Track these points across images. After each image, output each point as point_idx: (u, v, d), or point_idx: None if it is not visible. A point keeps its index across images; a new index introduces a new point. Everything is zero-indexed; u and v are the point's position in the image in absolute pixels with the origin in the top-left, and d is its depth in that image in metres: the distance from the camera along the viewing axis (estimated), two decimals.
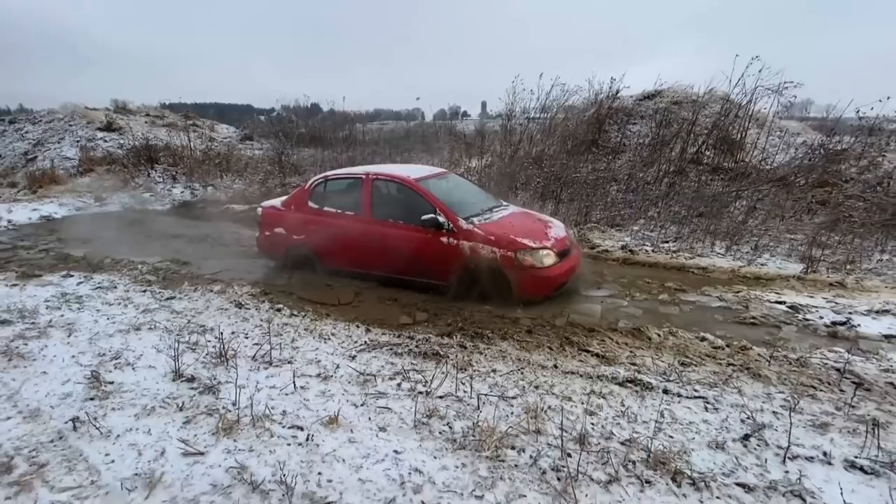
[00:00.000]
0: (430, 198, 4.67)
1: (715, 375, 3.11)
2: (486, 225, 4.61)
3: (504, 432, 2.37)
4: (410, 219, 4.68)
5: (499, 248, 4.35)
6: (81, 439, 2.28)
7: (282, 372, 3.03)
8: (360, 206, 5.01)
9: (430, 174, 5.29)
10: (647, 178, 9.35)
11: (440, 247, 4.52)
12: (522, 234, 4.54)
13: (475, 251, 4.40)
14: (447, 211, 4.57)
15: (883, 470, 2.20)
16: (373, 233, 4.87)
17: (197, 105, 32.78)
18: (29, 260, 6.32)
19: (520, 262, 4.29)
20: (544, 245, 4.45)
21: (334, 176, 5.52)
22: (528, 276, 4.30)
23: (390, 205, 4.97)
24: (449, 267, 4.53)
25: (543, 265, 4.33)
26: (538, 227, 4.87)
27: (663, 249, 6.61)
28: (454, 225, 4.51)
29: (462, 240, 4.46)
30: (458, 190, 5.29)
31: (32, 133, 17.16)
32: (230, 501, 1.89)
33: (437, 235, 4.53)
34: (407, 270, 4.78)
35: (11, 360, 3.12)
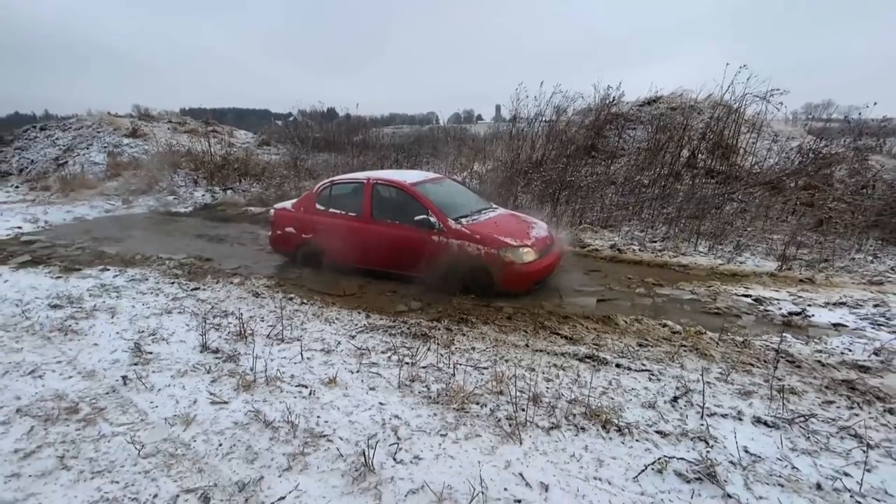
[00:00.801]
0: (424, 200, 5.13)
1: (665, 354, 3.56)
2: (473, 225, 5.06)
3: (471, 392, 2.87)
4: (406, 219, 5.15)
5: (483, 246, 4.78)
6: (131, 391, 2.85)
7: (291, 347, 3.57)
8: (362, 207, 5.49)
9: (425, 179, 5.76)
10: (644, 181, 9.76)
11: (432, 244, 4.97)
12: (505, 233, 4.97)
13: (462, 248, 4.86)
14: (438, 212, 5.03)
15: (783, 424, 2.64)
16: (372, 232, 5.36)
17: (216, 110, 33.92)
18: (68, 256, 6.97)
19: (502, 258, 4.72)
20: (525, 243, 4.87)
21: (339, 181, 6.01)
22: (508, 270, 4.72)
23: (388, 207, 5.44)
24: (440, 262, 4.96)
25: (523, 261, 4.75)
26: (521, 227, 5.30)
27: (650, 248, 7.03)
28: (444, 225, 4.96)
29: (451, 238, 4.91)
30: (450, 194, 5.74)
31: (63, 139, 18.15)
32: (248, 434, 2.43)
33: (429, 234, 4.99)
34: (402, 266, 5.26)
35: (67, 335, 3.72)
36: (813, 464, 2.33)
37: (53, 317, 4.12)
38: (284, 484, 2.05)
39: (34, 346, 3.53)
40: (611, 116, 11.42)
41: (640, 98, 11.60)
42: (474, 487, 2.03)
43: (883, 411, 2.81)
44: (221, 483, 2.06)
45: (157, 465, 2.18)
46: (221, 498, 1.97)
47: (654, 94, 11.32)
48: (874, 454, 2.40)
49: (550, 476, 2.19)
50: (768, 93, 8.57)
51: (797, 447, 2.46)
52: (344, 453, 2.27)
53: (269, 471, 2.15)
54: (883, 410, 2.82)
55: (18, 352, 3.41)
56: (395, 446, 2.34)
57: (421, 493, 2.02)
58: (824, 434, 2.56)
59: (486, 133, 17.45)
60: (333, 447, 2.32)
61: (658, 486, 2.15)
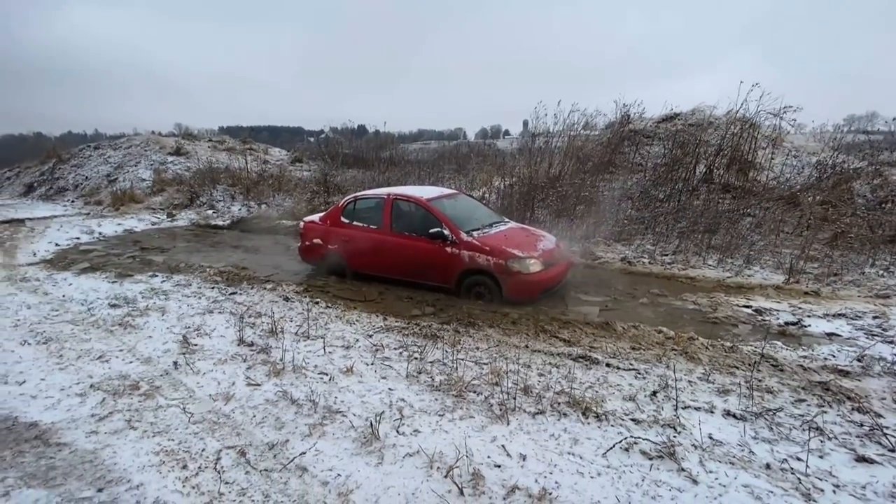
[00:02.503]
0: (438, 214, 5.55)
1: (654, 357, 3.86)
2: (484, 237, 5.42)
3: (469, 381, 3.26)
4: (422, 232, 5.56)
5: (492, 257, 5.13)
6: (180, 374, 3.37)
7: (316, 343, 4.04)
8: (382, 221, 5.92)
9: (441, 195, 6.18)
10: (659, 195, 9.97)
11: (445, 255, 5.37)
12: (513, 245, 5.30)
13: (473, 259, 5.23)
14: (451, 225, 5.42)
15: (751, 417, 2.92)
16: (391, 243, 5.80)
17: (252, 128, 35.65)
18: (121, 264, 7.72)
19: (509, 268, 5.04)
20: (531, 255, 5.19)
21: (362, 196, 6.51)
22: (515, 280, 5.05)
23: (406, 220, 5.85)
24: (451, 271, 5.40)
25: (530, 272, 5.07)
26: (529, 240, 5.64)
27: (660, 261, 7.26)
28: (456, 237, 5.34)
29: (463, 249, 5.29)
30: (464, 208, 6.15)
31: (114, 158, 19.59)
32: (277, 408, 2.89)
33: (443, 246, 5.38)
34: (418, 274, 5.70)
35: (126, 329, 4.31)
36: (770, 449, 2.61)
37: (113, 314, 4.73)
38: (305, 445, 2.49)
39: (100, 337, 4.13)
40: (629, 133, 11.70)
41: (657, 115, 11.81)
42: (460, 452, 2.42)
43: (850, 410, 3.05)
44: (255, 443, 2.51)
45: (204, 428, 2.66)
46: (255, 453, 2.42)
47: (671, 111, 11.53)
48: (830, 444, 2.66)
49: (529, 450, 2.55)
50: (781, 109, 8.69)
51: (759, 436, 2.74)
52: (355, 425, 2.70)
53: (293, 436, 2.59)
54: (851, 409, 3.05)
55: (87, 341, 4.01)
56: (399, 422, 2.75)
57: (416, 457, 2.42)
58: (787, 426, 2.83)
59: (512, 148, 17.90)
60: (347, 420, 2.75)
61: (623, 461, 2.48)
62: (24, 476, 2.20)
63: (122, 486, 2.15)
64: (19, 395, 3.01)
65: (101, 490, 2.12)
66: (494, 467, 2.38)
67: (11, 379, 3.24)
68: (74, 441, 2.50)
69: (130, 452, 2.41)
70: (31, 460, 2.33)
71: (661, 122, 12.30)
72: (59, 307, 4.98)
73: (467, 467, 2.36)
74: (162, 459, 2.36)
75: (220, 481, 2.21)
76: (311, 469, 2.32)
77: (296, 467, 2.33)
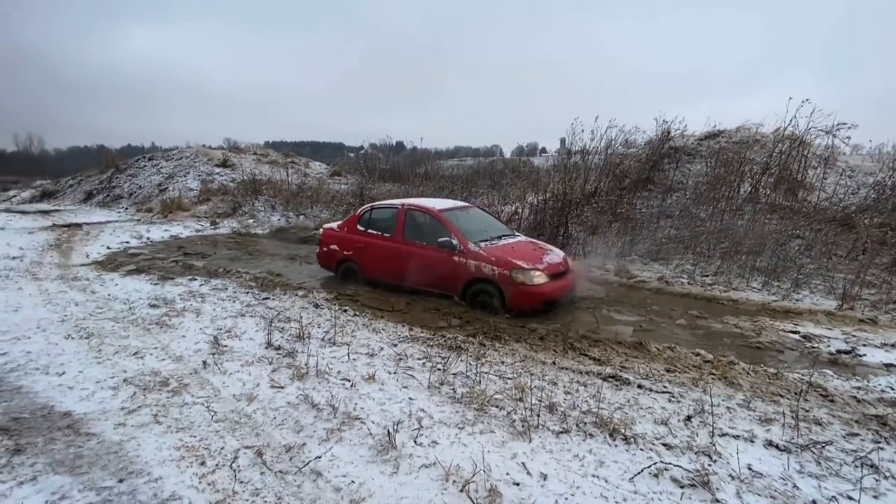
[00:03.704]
0: (448, 225, 5.70)
1: (690, 380, 3.65)
2: (491, 248, 5.54)
3: (492, 396, 3.17)
4: (432, 241, 5.70)
5: (497, 267, 5.24)
6: (208, 373, 3.44)
7: (341, 349, 4.05)
8: (395, 229, 6.13)
9: (453, 207, 6.37)
10: (701, 214, 9.60)
11: (452, 264, 5.52)
12: (519, 257, 5.39)
13: (479, 268, 5.36)
14: (460, 236, 5.56)
15: (796, 449, 2.70)
16: (403, 251, 5.98)
17: (296, 143, 37.10)
18: (165, 267, 8.05)
19: (513, 278, 5.13)
20: (536, 266, 5.28)
21: (378, 205, 6.74)
22: (519, 290, 5.13)
23: (418, 229, 6.03)
24: (458, 280, 5.52)
25: (533, 283, 5.15)
26: (535, 253, 5.70)
27: (699, 282, 6.95)
28: (464, 247, 5.48)
29: (470, 259, 5.42)
30: (475, 221, 6.30)
31: (166, 168, 20.69)
32: (297, 411, 2.89)
33: (451, 255, 5.53)
34: (426, 282, 5.81)
35: (162, 328, 4.46)
36: (817, 486, 2.39)
37: (152, 314, 4.92)
38: (321, 449, 2.47)
39: (137, 335, 4.29)
40: (669, 150, 11.39)
41: (699, 132, 11.46)
42: (478, 467, 2.33)
43: None
44: (272, 444, 2.52)
45: (225, 427, 2.69)
46: (272, 455, 2.42)
47: (714, 127, 11.16)
48: (886, 483, 2.42)
49: (551, 469, 2.44)
50: (834, 127, 8.24)
51: (805, 470, 2.52)
52: (373, 433, 2.66)
53: (310, 439, 2.58)
54: None
55: (126, 338, 4.17)
56: (417, 432, 2.69)
57: (432, 468, 2.35)
58: (837, 462, 2.59)
59: (547, 165, 17.78)
60: (365, 427, 2.72)
61: (652, 487, 2.33)
62: (53, 462, 2.28)
63: (141, 479, 2.19)
64: (58, 385, 3.15)
65: (121, 481, 2.17)
66: (513, 485, 2.28)
67: (52, 370, 3.40)
68: (103, 432, 2.57)
69: (153, 446, 2.46)
70: (60, 448, 2.41)
71: (704, 140, 11.93)
72: (103, 305, 5.22)
73: (484, 483, 2.27)
74: (182, 455, 2.39)
75: (236, 480, 2.22)
76: (325, 474, 2.30)
77: (310, 471, 2.31)
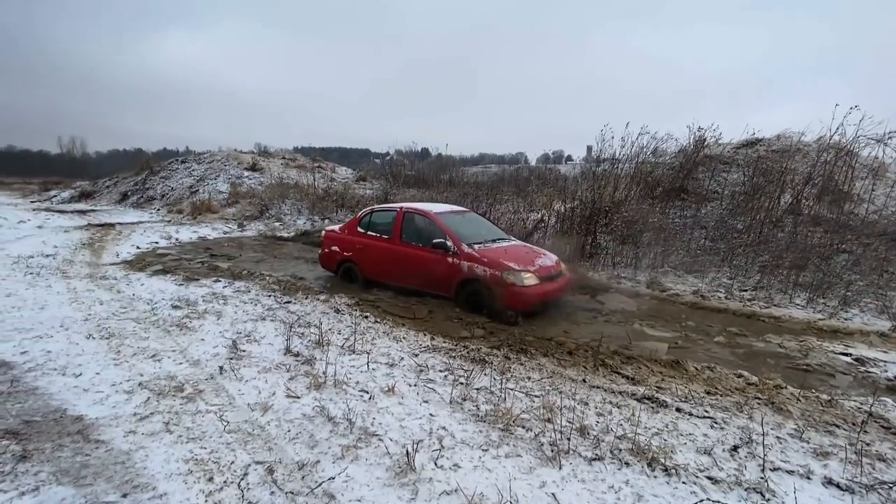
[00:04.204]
0: (443, 227, 5.83)
1: (734, 404, 3.36)
2: (484, 250, 5.65)
3: (518, 415, 2.96)
4: (428, 243, 5.84)
5: (489, 268, 5.35)
6: (224, 380, 3.34)
7: (360, 358, 3.91)
8: (393, 231, 6.30)
9: (450, 210, 6.55)
10: (737, 225, 9.16)
11: (446, 265, 5.65)
12: (511, 259, 5.50)
13: (472, 269, 5.48)
14: (454, 237, 5.69)
15: (860, 489, 2.41)
16: (399, 252, 6.16)
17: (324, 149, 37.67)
18: (190, 268, 8.12)
19: (504, 279, 5.20)
20: (527, 268, 5.38)
21: (378, 208, 6.96)
22: (509, 291, 5.17)
23: (414, 231, 6.17)
24: (451, 280, 5.64)
25: (524, 284, 5.20)
26: (528, 256, 5.80)
27: (738, 297, 6.58)
28: (458, 248, 5.61)
29: (463, 260, 5.55)
30: (470, 224, 6.45)
31: (197, 171, 21.19)
32: (313, 424, 2.75)
33: (445, 256, 5.67)
34: (421, 282, 5.95)
35: (182, 331, 4.41)
36: None
37: (174, 315, 4.89)
38: (336, 468, 2.31)
39: (157, 336, 4.24)
40: (704, 158, 10.96)
41: (736, 139, 10.99)
42: (504, 497, 2.14)
43: None
44: (285, 461, 2.37)
45: (237, 439, 2.57)
46: (283, 472, 2.28)
47: (752, 135, 10.69)
48: None
49: (584, 502, 2.22)
50: (885, 135, 7.74)
51: None
52: (391, 452, 2.49)
53: (325, 457, 2.43)
54: None
55: (145, 339, 4.13)
56: (438, 453, 2.51)
57: (454, 496, 2.17)
58: None
59: (574, 173, 17.43)
60: (382, 445, 2.55)
61: None
62: (58, 472, 2.19)
63: (146, 494, 2.07)
64: (73, 387, 3.10)
65: (125, 496, 2.06)
66: None
67: (70, 371, 3.35)
68: (112, 439, 2.48)
69: (162, 458, 2.35)
70: (67, 455, 2.33)
71: (741, 148, 11.45)
72: (127, 305, 5.23)
73: None
74: (190, 468, 2.27)
75: (244, 500, 2.08)
76: (338, 497, 2.14)
77: (323, 493, 2.16)
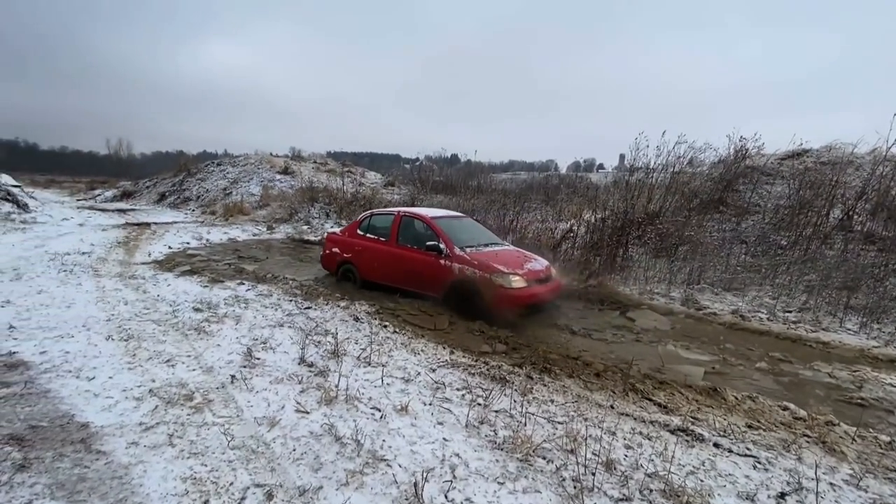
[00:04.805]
0: (438, 231, 6.05)
1: (780, 442, 3.05)
2: (475, 254, 5.82)
3: (539, 444, 2.75)
4: (422, 246, 6.06)
5: (479, 270, 5.50)
6: (235, 390, 3.25)
7: (375, 371, 3.77)
8: (390, 234, 6.55)
9: (446, 215, 6.80)
10: (781, 241, 8.64)
11: (438, 267, 5.84)
12: (500, 262, 5.60)
13: (462, 271, 5.64)
14: (447, 241, 5.89)
15: None
16: (395, 254, 6.40)
17: (355, 154, 38.24)
18: (217, 269, 8.20)
19: (492, 281, 5.34)
20: (515, 272, 5.47)
21: (378, 212, 7.27)
22: (497, 293, 5.28)
23: (410, 235, 6.40)
24: (443, 281, 5.79)
25: (512, 286, 5.31)
26: (517, 260, 5.90)
27: (781, 319, 6.14)
28: (450, 251, 5.80)
29: (454, 262, 5.73)
30: (465, 229, 6.63)
31: (231, 173, 21.71)
32: (319, 444, 2.61)
33: (438, 258, 5.87)
34: (414, 283, 6.14)
35: (200, 335, 4.38)
36: None
37: (194, 318, 4.88)
38: (339, 497, 2.16)
39: (175, 340, 4.22)
40: (745, 169, 10.43)
41: (780, 151, 10.42)
42: None
43: None
44: (286, 485, 2.24)
45: (240, 457, 2.45)
46: (283, 498, 2.14)
47: (799, 146, 10.11)
48: None
49: None
50: None
51: None
52: (399, 480, 2.32)
53: (328, 482, 2.28)
54: None
55: (163, 343, 4.10)
56: (450, 484, 2.33)
57: None
58: None
59: (606, 182, 17.00)
60: (390, 472, 2.38)
61: None
62: (54, 484, 2.12)
63: None
64: (84, 391, 3.06)
65: None
66: None
67: (84, 374, 3.33)
68: (113, 451, 2.41)
69: (160, 474, 2.25)
70: (66, 467, 2.25)
71: (786, 159, 10.86)
72: (150, 306, 5.27)
73: None
74: (187, 488, 2.16)
75: None
76: None
77: None
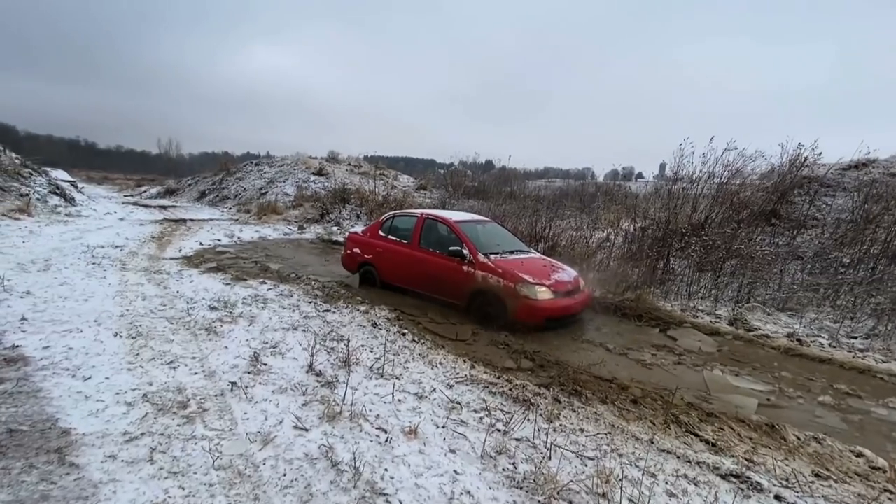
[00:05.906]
0: (462, 235, 5.82)
1: (857, 497, 2.55)
2: (500, 261, 5.56)
3: (565, 485, 2.36)
4: (444, 250, 5.83)
5: (503, 279, 5.26)
6: (233, 398, 3.01)
7: (388, 384, 3.46)
8: (412, 236, 6.34)
9: (471, 220, 6.57)
10: (844, 259, 7.86)
11: (461, 273, 5.61)
12: (527, 271, 5.34)
13: (486, 279, 5.41)
14: (471, 246, 5.66)
15: None
16: (417, 257, 6.18)
17: (390, 158, 38.49)
18: (243, 267, 8.14)
19: (517, 291, 5.11)
20: (542, 282, 5.21)
21: (400, 213, 7.05)
22: (522, 304, 5.07)
23: (433, 238, 6.19)
24: (465, 289, 5.58)
25: (537, 298, 5.08)
26: (544, 270, 5.58)
27: (846, 346, 5.48)
28: (474, 257, 5.57)
29: (478, 269, 5.49)
30: (490, 234, 6.38)
31: (268, 174, 22.08)
32: (313, 470, 2.32)
33: (461, 264, 5.64)
34: (436, 289, 5.94)
35: (209, 335, 4.20)
36: None
37: (208, 317, 4.72)
38: None
39: (183, 339, 4.05)
40: (801, 180, 9.63)
41: (844, 159, 9.56)
42: None
43: None
44: None
45: (223, 480, 2.18)
46: None
47: (864, 155, 9.24)
48: None
49: None
50: None
51: None
52: None
53: None
54: None
55: (170, 342, 3.94)
56: None
57: None
58: None
59: (645, 190, 16.27)
60: None
61: None
62: (14, 501, 1.91)
63: None
64: (76, 392, 2.89)
65: None
66: None
67: (80, 373, 3.17)
68: (87, 465, 2.18)
69: (129, 497, 2.00)
70: (32, 481, 2.04)
71: (848, 170, 9.98)
72: (167, 302, 5.16)
73: None
74: None
75: None
76: None
77: None
